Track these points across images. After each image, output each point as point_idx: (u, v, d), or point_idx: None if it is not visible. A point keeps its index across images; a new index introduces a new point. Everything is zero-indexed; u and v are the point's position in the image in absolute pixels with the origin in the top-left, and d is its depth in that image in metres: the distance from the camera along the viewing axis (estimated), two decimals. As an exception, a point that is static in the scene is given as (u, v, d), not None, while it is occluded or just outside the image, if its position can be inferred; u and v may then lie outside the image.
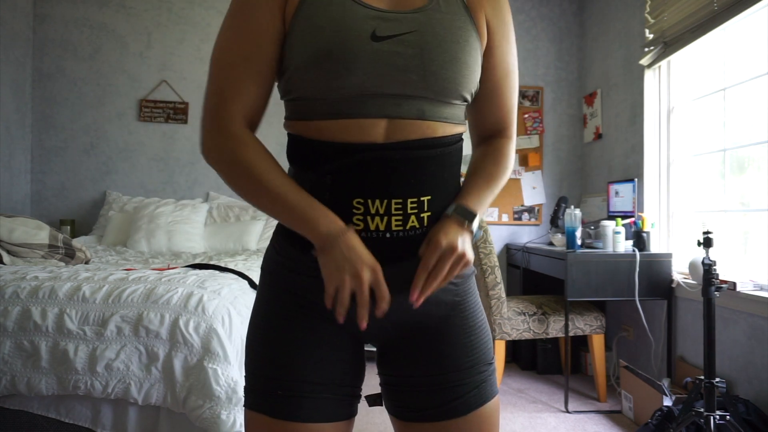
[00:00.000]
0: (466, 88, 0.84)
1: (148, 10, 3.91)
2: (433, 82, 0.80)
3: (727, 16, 2.40)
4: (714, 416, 1.89)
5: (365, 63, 0.78)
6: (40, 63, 3.84)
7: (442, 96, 0.82)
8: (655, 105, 3.07)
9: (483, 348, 0.90)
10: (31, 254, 2.39)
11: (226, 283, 1.98)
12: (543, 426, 2.61)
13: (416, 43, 0.79)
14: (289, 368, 0.84)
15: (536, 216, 3.96)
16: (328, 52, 0.77)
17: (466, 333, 0.90)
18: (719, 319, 2.41)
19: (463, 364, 0.88)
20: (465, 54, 0.83)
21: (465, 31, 0.84)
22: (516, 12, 3.99)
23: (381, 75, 0.79)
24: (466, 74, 0.83)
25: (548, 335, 2.96)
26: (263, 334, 0.87)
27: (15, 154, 3.65)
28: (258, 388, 0.86)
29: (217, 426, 1.64)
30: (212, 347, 1.72)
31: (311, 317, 0.86)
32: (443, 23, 0.82)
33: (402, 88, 0.80)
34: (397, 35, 0.79)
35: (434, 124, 0.83)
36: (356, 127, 0.80)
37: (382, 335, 0.89)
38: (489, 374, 0.90)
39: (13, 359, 1.70)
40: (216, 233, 3.50)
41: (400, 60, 0.79)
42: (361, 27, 0.78)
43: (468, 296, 0.92)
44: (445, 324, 0.89)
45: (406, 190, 0.81)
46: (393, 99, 0.80)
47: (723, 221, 2.59)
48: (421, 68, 0.79)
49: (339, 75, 0.78)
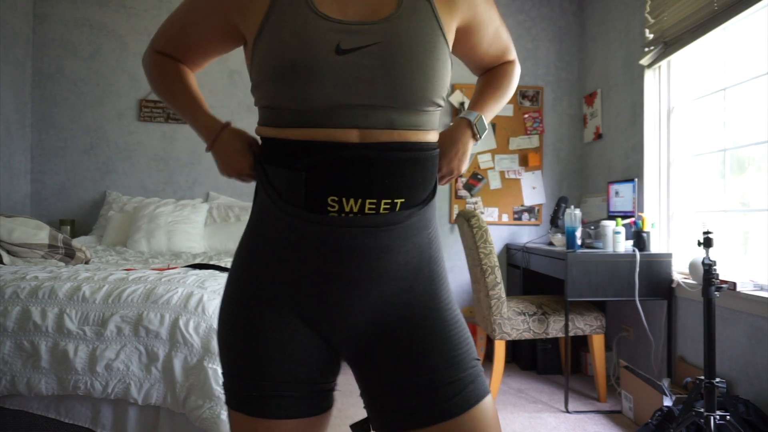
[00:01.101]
0: (436, 94, 0.84)
1: (148, 10, 3.91)
2: (401, 93, 0.81)
3: (727, 16, 2.40)
4: (714, 416, 1.89)
5: (331, 76, 0.79)
6: (40, 63, 3.84)
7: (411, 105, 0.82)
8: (655, 105, 3.07)
9: (467, 342, 0.88)
10: (31, 254, 2.39)
11: (226, 283, 1.98)
12: (543, 426, 2.61)
13: (381, 54, 0.80)
14: (260, 369, 0.85)
15: (536, 216, 3.96)
16: (292, 66, 0.79)
17: (448, 326, 0.87)
18: (719, 319, 2.41)
19: (450, 360, 0.84)
20: (432, 60, 0.82)
21: (433, 37, 0.83)
22: (516, 12, 3.99)
23: (347, 87, 0.79)
24: (435, 81, 0.83)
25: (548, 335, 2.96)
26: (232, 330, 0.88)
27: (15, 154, 3.65)
28: (234, 388, 0.88)
29: (217, 426, 1.64)
30: (212, 347, 1.72)
31: (280, 314, 0.86)
32: (409, 32, 0.81)
33: (369, 99, 0.80)
34: (362, 47, 0.79)
35: (405, 133, 0.84)
36: (326, 136, 0.81)
37: (357, 340, 0.87)
38: (479, 371, 0.87)
39: (13, 359, 1.70)
40: (216, 233, 3.50)
41: (365, 72, 0.79)
42: (325, 40, 0.79)
43: (441, 283, 0.91)
44: (424, 318, 0.87)
45: (380, 190, 0.81)
46: (362, 109, 0.81)
47: (723, 221, 2.59)
48: (388, 79, 0.80)
49: (304, 88, 0.79)
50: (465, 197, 3.93)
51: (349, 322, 0.85)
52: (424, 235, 0.88)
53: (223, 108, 3.93)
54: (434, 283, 0.89)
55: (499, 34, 1.00)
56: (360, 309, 0.85)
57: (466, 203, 3.93)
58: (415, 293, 0.87)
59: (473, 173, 3.93)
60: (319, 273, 0.83)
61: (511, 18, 3.99)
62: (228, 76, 3.95)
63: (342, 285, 0.83)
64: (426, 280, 0.88)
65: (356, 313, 0.85)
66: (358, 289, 0.83)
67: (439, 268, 0.91)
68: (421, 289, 0.88)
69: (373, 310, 0.85)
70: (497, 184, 3.94)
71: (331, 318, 0.85)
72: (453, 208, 3.92)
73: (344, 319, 0.85)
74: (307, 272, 0.84)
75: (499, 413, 2.76)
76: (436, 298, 0.89)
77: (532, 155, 3.93)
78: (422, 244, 0.87)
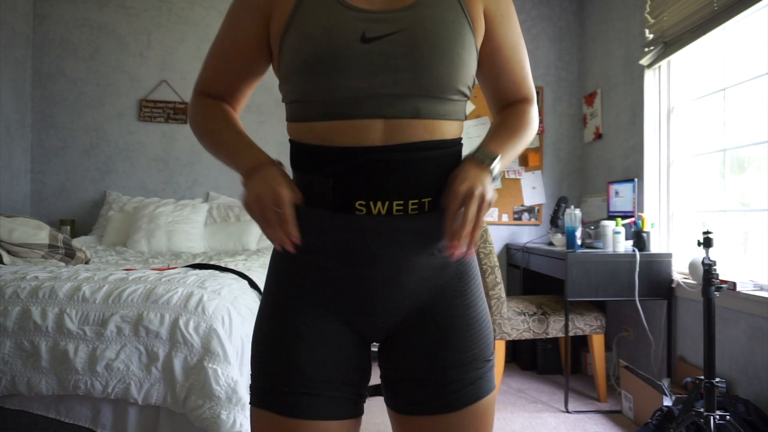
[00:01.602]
0: (462, 82, 0.84)
1: (148, 10, 3.91)
2: (426, 80, 0.81)
3: (727, 16, 2.40)
4: (714, 416, 1.89)
5: (356, 65, 0.79)
6: (40, 63, 3.84)
7: (436, 92, 0.82)
8: (655, 105, 3.07)
9: (483, 342, 0.90)
10: (31, 254, 2.39)
11: (226, 283, 1.98)
12: (543, 426, 2.61)
13: (405, 41, 0.80)
14: (294, 365, 0.85)
15: (536, 216, 3.96)
16: (318, 57, 0.80)
17: (469, 325, 0.89)
18: (719, 319, 2.41)
19: (463, 360, 0.87)
20: (457, 47, 0.82)
21: (457, 24, 0.83)
22: (516, 12, 3.99)
23: (373, 75, 0.80)
24: (460, 68, 0.83)
25: (548, 335, 2.96)
26: (268, 331, 0.88)
27: (15, 154, 3.65)
28: (264, 386, 0.86)
29: (217, 426, 1.64)
30: (212, 347, 1.72)
31: (316, 314, 0.87)
32: (434, 18, 0.81)
33: (394, 88, 0.80)
34: (387, 35, 0.80)
35: (431, 123, 0.83)
36: (353, 129, 0.81)
37: (385, 329, 0.90)
38: (486, 370, 0.89)
39: (13, 359, 1.70)
40: (216, 233, 3.50)
41: (390, 59, 0.80)
42: (350, 30, 0.80)
43: (470, 281, 0.91)
44: (447, 315, 0.88)
45: (407, 191, 0.82)
46: (387, 99, 0.81)
47: (723, 221, 2.59)
48: (412, 66, 0.80)
49: (330, 78, 0.80)
50: (465, 197, 3.93)
51: (379, 317, 0.88)
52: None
53: (223, 108, 3.93)
54: (462, 280, 0.90)
55: (520, 52, 0.96)
56: (390, 305, 0.87)
57: (466, 203, 3.93)
58: (441, 290, 0.88)
59: (473, 173, 3.93)
60: (349, 273, 0.85)
61: (511, 18, 3.99)
62: (228, 76, 3.94)
63: (372, 283, 0.84)
64: (453, 277, 0.89)
65: (386, 309, 0.87)
66: (387, 287, 0.85)
67: (467, 265, 0.91)
68: (447, 286, 0.89)
69: (402, 306, 0.87)
70: (497, 184, 3.94)
71: (362, 314, 0.87)
72: (453, 208, 3.92)
73: (375, 314, 0.87)
74: (339, 272, 0.85)
75: (499, 413, 2.76)
76: (461, 295, 0.89)
77: (532, 155, 3.93)
78: None
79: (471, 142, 3.92)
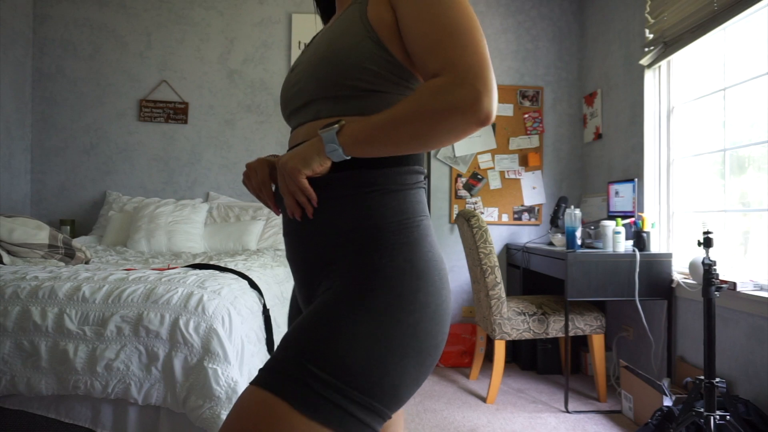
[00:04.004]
0: (345, 75, 0.87)
1: (148, 10, 3.91)
2: (313, 84, 0.91)
3: (727, 16, 2.40)
4: (714, 416, 1.89)
5: (285, 91, 0.99)
6: (40, 63, 3.84)
7: (325, 92, 0.89)
8: (655, 105, 3.07)
9: (307, 333, 0.77)
10: (31, 254, 2.39)
11: (226, 283, 1.98)
12: (543, 426, 2.61)
13: (306, 60, 0.94)
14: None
15: (536, 216, 3.96)
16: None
17: (313, 311, 0.81)
18: (719, 319, 2.41)
19: (284, 338, 0.80)
20: (337, 47, 0.87)
21: (345, 28, 0.89)
22: (516, 12, 3.99)
23: (292, 96, 0.96)
24: (337, 63, 0.87)
25: (548, 335, 2.96)
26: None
27: (15, 154, 3.65)
28: None
29: (217, 426, 1.64)
30: (212, 347, 1.72)
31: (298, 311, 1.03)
32: (326, 35, 0.92)
33: (299, 100, 0.94)
34: (300, 62, 0.96)
35: (331, 120, 0.89)
36: (290, 140, 0.99)
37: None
38: (296, 372, 0.74)
39: (13, 359, 1.70)
40: (216, 233, 3.50)
41: (296, 78, 0.95)
42: (291, 67, 1.01)
43: (339, 291, 0.81)
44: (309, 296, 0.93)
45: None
46: (300, 111, 0.95)
47: (723, 221, 2.59)
48: (307, 76, 0.92)
49: (281, 107, 1.02)
50: (465, 197, 3.93)
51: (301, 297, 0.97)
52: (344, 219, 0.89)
53: (223, 108, 3.93)
54: (325, 269, 0.86)
55: (424, 18, 0.79)
56: (299, 287, 0.97)
57: (465, 203, 3.93)
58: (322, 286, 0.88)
59: (473, 173, 3.93)
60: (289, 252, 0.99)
61: (511, 18, 3.99)
62: (228, 76, 3.95)
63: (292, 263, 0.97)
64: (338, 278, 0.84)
65: (299, 289, 0.97)
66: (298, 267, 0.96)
67: (344, 277, 0.83)
68: (315, 272, 0.91)
69: (302, 292, 0.96)
70: (497, 184, 3.94)
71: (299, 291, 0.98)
72: (453, 208, 3.92)
73: (300, 294, 0.97)
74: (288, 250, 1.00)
75: (499, 413, 2.77)
76: (321, 286, 0.87)
77: (532, 155, 3.93)
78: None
79: (470, 141, 3.92)
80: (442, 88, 0.75)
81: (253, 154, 3.92)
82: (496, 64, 3.98)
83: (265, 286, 2.25)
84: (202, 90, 3.93)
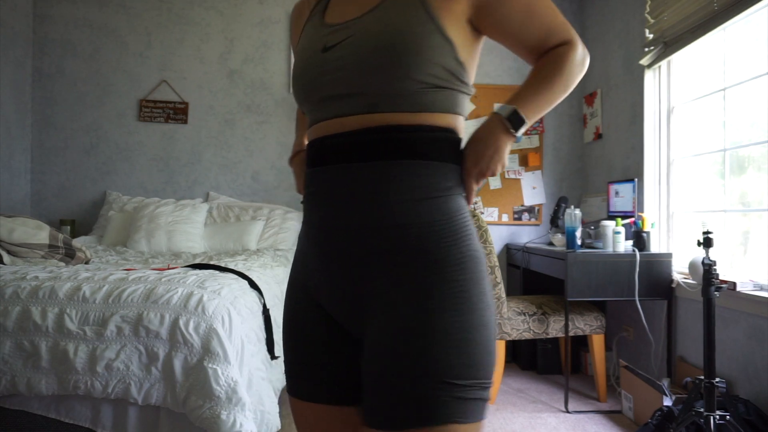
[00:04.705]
0: (416, 71, 0.82)
1: (148, 10, 3.91)
2: (374, 77, 0.84)
3: (727, 16, 2.40)
4: (714, 416, 1.89)
5: (318, 73, 0.88)
6: (40, 63, 3.84)
7: (387, 88, 0.83)
8: (655, 105, 3.07)
9: (441, 359, 0.78)
10: (31, 254, 2.39)
11: (226, 283, 1.98)
12: (543, 426, 2.61)
13: (353, 44, 0.85)
14: (293, 349, 0.95)
15: (536, 216, 3.96)
16: (297, 73, 0.93)
17: (424, 334, 0.79)
18: (719, 319, 2.41)
19: (412, 372, 0.78)
20: (404, 41, 0.82)
21: (407, 17, 0.83)
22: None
23: (330, 80, 0.87)
24: (407, 60, 0.82)
25: (548, 335, 2.96)
26: (283, 319, 0.99)
27: (15, 154, 3.66)
28: (286, 372, 0.98)
29: (217, 426, 1.64)
30: (212, 347, 1.72)
31: (310, 305, 0.94)
32: (382, 19, 0.85)
33: (348, 89, 0.86)
34: (340, 42, 0.87)
35: (389, 116, 0.84)
36: (317, 129, 0.91)
37: (353, 320, 0.88)
38: (445, 395, 0.77)
39: (13, 359, 1.70)
40: (216, 233, 3.50)
41: (340, 62, 0.86)
42: (317, 44, 0.91)
43: (442, 284, 0.81)
44: (401, 317, 0.81)
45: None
46: (343, 99, 0.86)
47: (723, 221, 2.59)
48: (359, 66, 0.84)
49: (304, 89, 0.91)
50: (465, 197, 3.93)
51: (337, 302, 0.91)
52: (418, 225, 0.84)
53: (223, 108, 3.93)
54: (429, 279, 0.81)
55: (534, 10, 0.90)
56: (348, 292, 0.88)
57: (466, 203, 3.93)
58: (402, 284, 0.82)
59: (473, 173, 3.93)
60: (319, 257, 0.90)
61: (511, 18, 3.99)
62: (228, 76, 3.95)
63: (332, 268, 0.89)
64: (419, 274, 0.82)
65: (345, 296, 0.89)
66: (344, 269, 0.88)
67: (437, 265, 0.82)
68: (410, 281, 0.82)
69: (353, 293, 0.88)
70: (497, 184, 3.94)
71: (326, 297, 0.92)
72: (453, 208, 3.92)
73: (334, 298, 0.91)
74: (314, 258, 0.91)
75: (499, 413, 2.77)
76: (426, 297, 0.80)
77: (532, 155, 3.93)
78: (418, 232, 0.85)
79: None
80: (574, 55, 0.91)
81: (253, 154, 3.92)
82: (496, 64, 3.98)
83: (265, 286, 2.25)
84: (202, 90, 3.93)
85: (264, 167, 3.94)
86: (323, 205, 0.88)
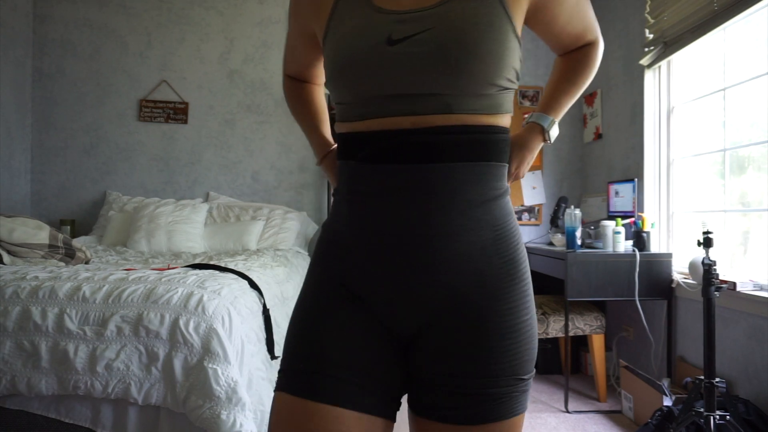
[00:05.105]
0: (497, 75, 0.80)
1: (148, 10, 3.91)
2: (455, 78, 0.79)
3: (727, 16, 2.40)
4: (714, 416, 1.89)
5: (382, 68, 0.80)
6: (40, 63, 3.84)
7: (467, 89, 0.80)
8: (655, 105, 3.07)
9: (519, 357, 0.83)
10: (31, 254, 2.39)
11: (226, 283, 1.98)
12: (543, 426, 2.61)
13: (432, 40, 0.78)
14: (316, 345, 0.83)
15: (536, 216, 3.96)
16: (348, 62, 0.83)
17: (504, 334, 0.82)
18: (719, 319, 2.41)
19: (490, 371, 0.81)
20: (488, 42, 0.79)
21: (489, 17, 0.80)
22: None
23: (399, 77, 0.80)
24: (491, 63, 0.79)
25: (548, 335, 2.96)
26: (298, 314, 0.89)
27: (15, 154, 3.66)
28: (285, 368, 0.85)
29: (217, 426, 1.64)
30: (212, 347, 1.72)
31: (345, 301, 0.85)
32: (464, 14, 0.79)
33: (422, 88, 0.79)
34: (412, 36, 0.79)
35: (464, 117, 0.81)
36: (380, 124, 0.82)
37: (412, 321, 0.84)
38: (517, 390, 0.83)
39: (13, 359, 1.70)
40: (216, 233, 3.50)
41: (416, 60, 0.79)
42: (378, 34, 0.81)
43: (516, 283, 0.84)
44: (481, 316, 0.82)
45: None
46: (415, 98, 0.80)
47: (723, 221, 2.59)
48: (440, 65, 0.78)
49: (359, 82, 0.83)
50: (465, 197, 3.93)
51: (398, 304, 0.84)
52: (491, 226, 0.84)
53: (223, 108, 3.93)
54: (505, 279, 0.83)
55: (579, 9, 0.94)
56: (416, 293, 0.83)
57: (466, 203, 3.93)
58: (479, 285, 0.82)
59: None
60: (382, 256, 0.83)
61: (511, 18, 3.99)
62: (228, 76, 3.95)
63: (401, 268, 0.82)
64: (496, 273, 0.83)
65: (406, 295, 0.83)
66: (417, 271, 0.82)
67: (513, 263, 0.85)
68: (487, 282, 0.83)
69: (425, 295, 0.83)
70: (497, 184, 3.94)
71: (381, 300, 0.84)
72: (453, 208, 3.92)
73: (392, 301, 0.84)
74: (372, 256, 0.83)
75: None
76: (503, 297, 0.83)
77: (532, 155, 3.93)
78: (489, 236, 0.84)
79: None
80: (598, 55, 1.04)
81: (253, 154, 3.92)
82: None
83: (265, 286, 2.25)
84: (202, 90, 3.93)
85: (264, 167, 3.94)
86: (388, 205, 0.81)
